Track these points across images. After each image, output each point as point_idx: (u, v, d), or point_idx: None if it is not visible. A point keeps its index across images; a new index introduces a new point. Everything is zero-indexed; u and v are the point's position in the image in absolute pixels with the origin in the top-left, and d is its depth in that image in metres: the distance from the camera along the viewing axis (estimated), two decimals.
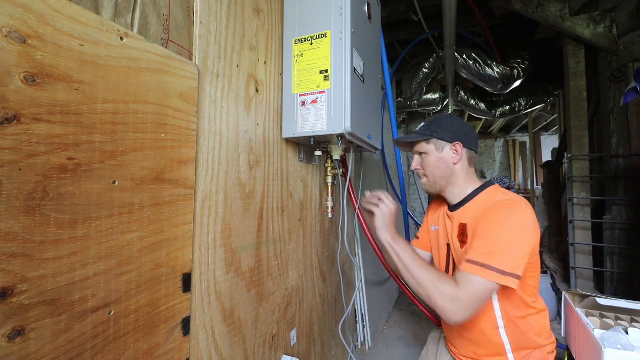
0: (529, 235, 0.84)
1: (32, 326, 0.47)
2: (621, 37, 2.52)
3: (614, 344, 0.93)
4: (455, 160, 0.98)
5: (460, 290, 0.80)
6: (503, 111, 4.36)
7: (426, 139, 1.01)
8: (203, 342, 0.80)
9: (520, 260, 0.81)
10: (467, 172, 1.00)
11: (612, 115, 2.59)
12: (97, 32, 0.56)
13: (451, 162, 0.99)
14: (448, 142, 0.99)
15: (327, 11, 1.09)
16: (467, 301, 0.79)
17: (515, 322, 0.90)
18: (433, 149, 1.00)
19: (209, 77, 0.84)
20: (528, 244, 0.83)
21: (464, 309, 0.79)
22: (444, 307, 0.80)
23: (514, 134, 8.82)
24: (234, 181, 0.93)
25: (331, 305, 1.62)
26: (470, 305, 0.80)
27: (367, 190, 1.08)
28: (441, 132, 0.99)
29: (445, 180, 1.00)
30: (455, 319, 0.80)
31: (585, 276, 2.74)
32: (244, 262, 0.96)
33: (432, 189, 1.04)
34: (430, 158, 1.01)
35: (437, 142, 1.00)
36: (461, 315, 0.79)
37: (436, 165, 1.00)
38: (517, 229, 0.83)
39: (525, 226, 0.84)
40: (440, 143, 0.99)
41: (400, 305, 2.87)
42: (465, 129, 1.01)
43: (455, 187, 1.00)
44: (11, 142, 0.44)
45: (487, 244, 0.83)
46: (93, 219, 0.55)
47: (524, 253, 0.82)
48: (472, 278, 0.80)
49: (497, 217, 0.86)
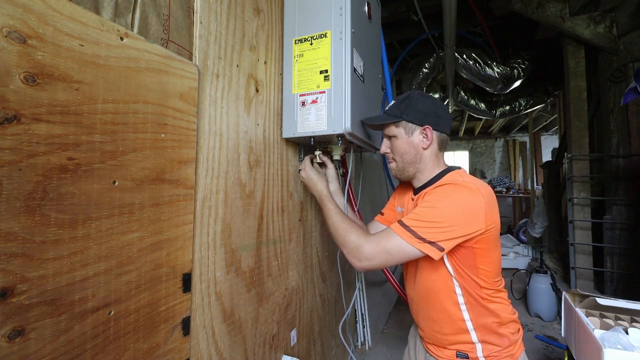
0: (466, 217, 0.82)
1: (32, 326, 0.47)
2: (621, 37, 2.52)
3: (614, 344, 0.93)
4: (424, 145, 0.94)
5: (368, 240, 0.88)
6: (503, 111, 4.37)
7: (395, 122, 0.96)
8: (203, 342, 0.80)
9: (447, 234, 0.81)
10: (435, 156, 0.97)
11: (612, 115, 2.59)
12: (97, 32, 0.56)
13: (420, 146, 0.95)
14: (418, 125, 0.94)
15: (327, 11, 1.09)
16: (373, 250, 0.86)
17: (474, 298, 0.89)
18: (402, 132, 0.95)
19: (209, 77, 0.84)
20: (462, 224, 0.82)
21: (367, 258, 0.87)
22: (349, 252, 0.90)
23: (514, 134, 8.82)
24: (234, 181, 0.93)
25: (331, 305, 1.62)
26: (375, 255, 0.86)
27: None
28: (410, 113, 0.93)
29: (414, 166, 0.97)
30: (358, 265, 0.89)
31: (585, 276, 2.74)
32: (244, 262, 0.96)
33: (401, 176, 1.01)
34: (399, 142, 0.96)
35: (406, 124, 0.95)
36: (365, 262, 0.87)
37: (405, 150, 0.96)
38: (454, 207, 0.83)
39: (464, 207, 0.83)
40: (410, 126, 0.94)
41: (400, 305, 2.87)
42: (437, 109, 0.95)
43: (422, 174, 0.98)
44: (11, 142, 0.44)
45: (420, 213, 0.85)
46: (93, 219, 0.55)
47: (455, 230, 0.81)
48: (392, 235, 0.85)
49: (439, 193, 0.87)
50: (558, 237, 4.21)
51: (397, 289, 2.06)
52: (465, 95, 4.33)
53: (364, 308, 2.06)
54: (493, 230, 0.86)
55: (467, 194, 0.84)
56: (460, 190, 0.85)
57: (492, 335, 0.90)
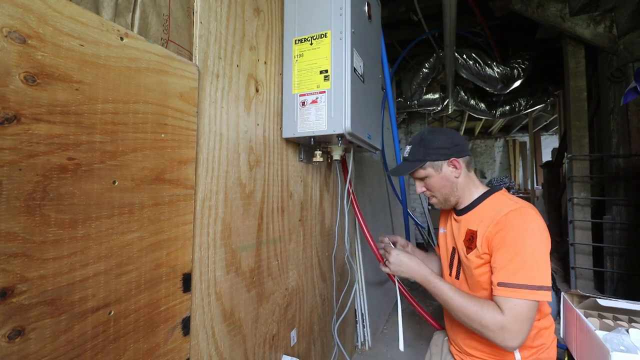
0: (546, 244, 0.85)
1: (32, 326, 0.47)
2: (621, 37, 2.52)
3: (617, 346, 0.92)
4: (456, 175, 0.99)
5: (505, 318, 0.81)
6: (503, 111, 4.36)
7: (422, 167, 1.01)
8: (203, 342, 0.80)
9: (547, 269, 0.82)
10: (469, 178, 1.02)
11: (612, 115, 2.59)
12: (97, 32, 0.56)
13: (453, 177, 1.00)
14: (444, 161, 0.99)
15: (327, 11, 1.09)
16: (517, 325, 0.80)
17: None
18: (432, 171, 1.00)
19: (209, 77, 0.84)
20: (547, 251, 0.84)
21: (517, 334, 0.80)
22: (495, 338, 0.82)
23: (514, 134, 8.82)
24: (234, 181, 0.93)
25: (331, 305, 1.62)
26: (520, 328, 0.80)
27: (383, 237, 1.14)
28: (432, 153, 0.99)
29: (453, 195, 1.02)
30: (512, 345, 0.81)
31: (585, 276, 2.74)
32: (244, 262, 0.96)
33: (446, 206, 1.06)
34: (432, 180, 1.01)
35: (432, 164, 1.00)
36: (517, 341, 0.80)
37: (441, 185, 1.00)
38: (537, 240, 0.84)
39: (542, 235, 0.85)
40: (436, 163, 0.99)
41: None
42: (452, 139, 1.00)
43: (462, 198, 1.02)
44: (11, 142, 0.44)
45: (514, 261, 0.82)
46: (93, 219, 0.55)
47: (547, 262, 0.83)
48: (513, 301, 0.81)
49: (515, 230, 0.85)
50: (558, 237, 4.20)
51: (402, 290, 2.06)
52: (465, 95, 4.33)
53: (364, 308, 2.06)
54: None
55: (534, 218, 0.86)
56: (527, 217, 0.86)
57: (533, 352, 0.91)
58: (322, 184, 1.52)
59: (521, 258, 0.82)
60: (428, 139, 1.00)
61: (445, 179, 1.00)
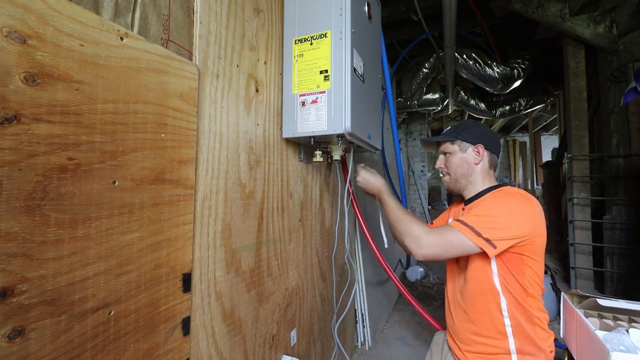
0: (521, 221, 0.89)
1: (32, 326, 0.47)
2: (621, 37, 2.52)
3: (617, 346, 0.92)
4: (476, 161, 1.06)
5: (432, 231, 0.94)
6: (503, 111, 4.37)
7: (451, 140, 1.09)
8: (203, 342, 0.80)
9: (503, 234, 0.88)
10: (486, 172, 1.07)
11: (612, 115, 2.59)
12: (97, 32, 0.56)
13: (473, 162, 1.06)
14: (471, 144, 1.06)
15: (327, 11, 1.09)
16: (435, 240, 0.92)
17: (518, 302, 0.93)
18: (457, 149, 1.08)
19: (209, 77, 0.84)
20: (517, 227, 0.89)
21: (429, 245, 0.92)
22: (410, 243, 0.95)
23: (514, 134, 8.82)
24: (234, 181, 0.93)
25: (331, 305, 1.62)
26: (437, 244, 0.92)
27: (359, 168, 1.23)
28: (465, 134, 1.07)
29: (465, 178, 1.08)
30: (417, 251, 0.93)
31: (585, 276, 2.75)
32: (244, 262, 0.96)
33: (454, 187, 1.12)
34: (454, 157, 1.09)
35: (461, 143, 1.08)
36: (423, 250, 0.92)
37: (459, 164, 1.08)
38: (511, 210, 0.91)
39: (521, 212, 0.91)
40: (464, 144, 1.07)
41: (400, 305, 2.87)
42: (488, 133, 1.08)
43: (473, 186, 1.08)
44: (11, 142, 0.44)
45: (478, 213, 0.93)
46: (93, 219, 0.55)
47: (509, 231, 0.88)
48: (452, 229, 0.92)
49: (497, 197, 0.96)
50: (558, 237, 4.20)
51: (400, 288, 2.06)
52: (465, 95, 4.33)
53: (364, 308, 2.06)
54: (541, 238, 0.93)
55: (522, 200, 0.94)
56: (515, 197, 0.94)
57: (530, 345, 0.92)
58: (322, 184, 1.52)
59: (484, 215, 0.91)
60: (466, 124, 1.10)
61: (464, 161, 1.07)
